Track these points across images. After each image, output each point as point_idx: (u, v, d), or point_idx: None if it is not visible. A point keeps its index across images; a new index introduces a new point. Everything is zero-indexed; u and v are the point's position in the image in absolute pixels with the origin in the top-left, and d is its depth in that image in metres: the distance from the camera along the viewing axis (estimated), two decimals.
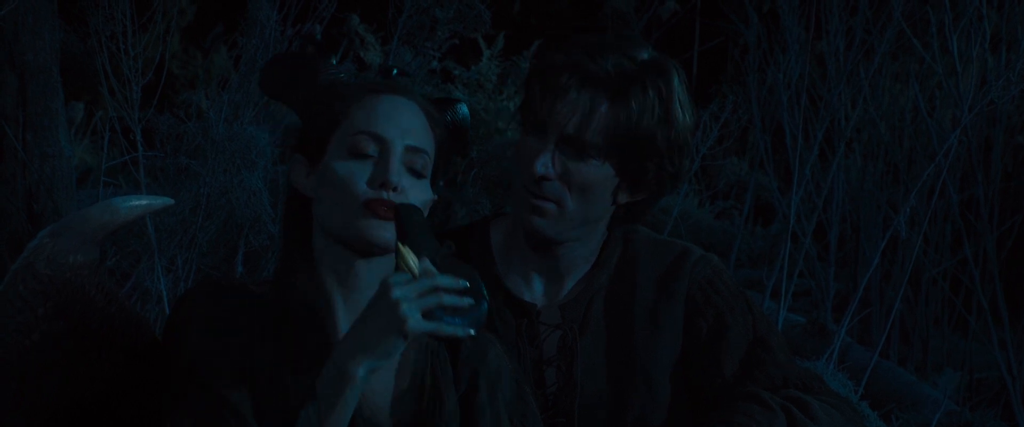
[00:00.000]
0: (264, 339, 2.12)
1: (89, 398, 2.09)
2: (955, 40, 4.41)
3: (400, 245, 2.03)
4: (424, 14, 4.80)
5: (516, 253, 2.42)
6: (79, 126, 6.04)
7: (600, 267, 2.42)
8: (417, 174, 2.15)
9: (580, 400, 2.38)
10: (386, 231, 2.11)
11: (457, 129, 2.29)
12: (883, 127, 5.50)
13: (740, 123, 5.13)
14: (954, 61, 4.38)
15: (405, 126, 2.15)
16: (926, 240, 5.34)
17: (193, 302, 2.13)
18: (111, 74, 4.12)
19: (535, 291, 2.42)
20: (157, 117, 4.38)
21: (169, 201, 2.10)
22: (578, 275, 2.43)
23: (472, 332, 2.01)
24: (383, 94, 2.17)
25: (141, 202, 2.06)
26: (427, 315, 1.99)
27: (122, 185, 5.38)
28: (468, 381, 2.22)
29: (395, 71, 2.38)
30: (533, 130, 2.32)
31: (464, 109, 2.31)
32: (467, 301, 2.01)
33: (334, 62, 2.24)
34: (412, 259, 2.02)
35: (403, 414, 2.17)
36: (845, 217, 5.51)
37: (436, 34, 4.93)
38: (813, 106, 4.91)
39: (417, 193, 2.15)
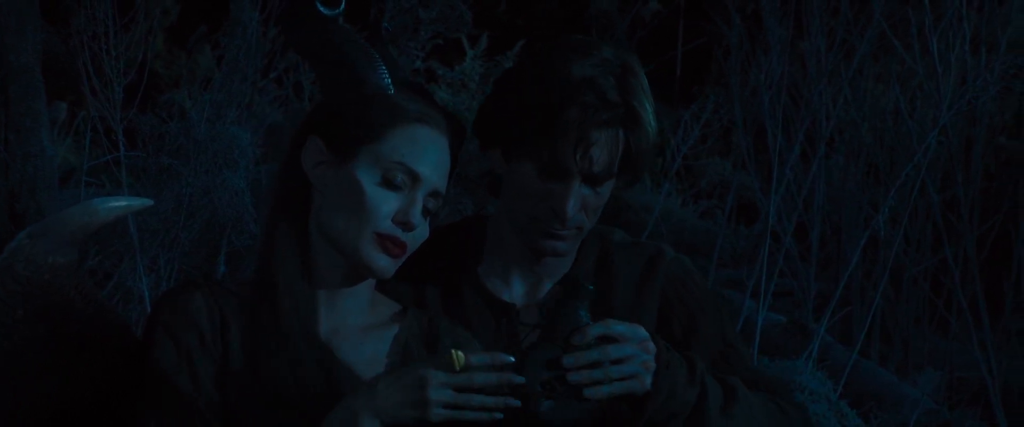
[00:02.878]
0: (241, 341, 2.13)
1: (78, 399, 2.09)
2: (935, 41, 4.42)
3: (453, 352, 2.05)
4: (407, 14, 4.81)
5: (498, 254, 2.44)
6: (62, 126, 6.03)
7: (578, 267, 2.45)
8: (428, 213, 2.17)
9: None
10: (386, 264, 2.13)
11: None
12: (865, 127, 5.52)
13: (722, 123, 5.14)
14: (934, 62, 4.40)
15: (438, 168, 2.16)
16: (907, 240, 5.36)
17: (169, 305, 2.13)
18: (93, 74, 4.12)
19: (514, 292, 2.44)
20: (139, 117, 4.38)
21: (148, 202, 2.09)
22: (557, 276, 2.45)
23: (499, 416, 2.05)
24: (424, 126, 2.16)
25: (120, 203, 2.05)
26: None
27: (105, 184, 5.37)
28: None
29: (385, 24, 2.37)
30: (554, 176, 2.34)
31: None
32: (503, 400, 2.05)
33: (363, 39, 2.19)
34: (458, 359, 2.04)
35: None
36: (826, 217, 5.53)
37: (419, 34, 4.94)
38: (794, 106, 4.92)
39: (422, 232, 2.17)
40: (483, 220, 2.49)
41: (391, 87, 2.17)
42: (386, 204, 2.13)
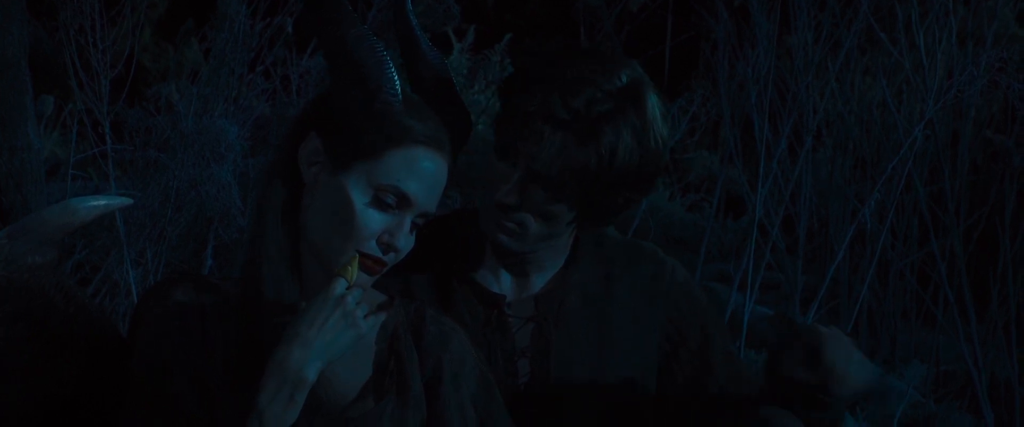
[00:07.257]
0: (227, 339, 2.12)
1: (62, 398, 2.09)
2: (922, 35, 4.42)
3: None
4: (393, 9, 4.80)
5: (487, 247, 2.45)
6: (49, 119, 6.02)
7: (574, 263, 2.47)
8: (415, 227, 2.16)
9: (553, 390, 2.41)
10: (363, 281, 2.13)
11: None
12: (852, 121, 5.52)
13: (710, 117, 5.15)
14: (921, 55, 4.40)
15: (431, 191, 2.15)
16: (894, 233, 5.36)
17: (154, 302, 2.13)
18: (80, 68, 4.12)
19: (503, 284, 2.45)
20: (126, 110, 4.38)
21: (128, 201, 2.09)
22: (551, 270, 2.47)
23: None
24: (426, 148, 2.14)
25: (100, 202, 2.05)
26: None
27: (92, 178, 5.37)
28: (432, 369, 2.23)
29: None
30: (503, 158, 2.34)
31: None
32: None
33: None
34: (351, 272, 2.09)
35: (366, 401, 2.18)
36: (813, 210, 5.53)
37: None
38: (781, 100, 4.92)
39: (406, 247, 2.16)
40: (472, 215, 2.50)
41: (400, 101, 2.14)
42: (373, 224, 2.11)
